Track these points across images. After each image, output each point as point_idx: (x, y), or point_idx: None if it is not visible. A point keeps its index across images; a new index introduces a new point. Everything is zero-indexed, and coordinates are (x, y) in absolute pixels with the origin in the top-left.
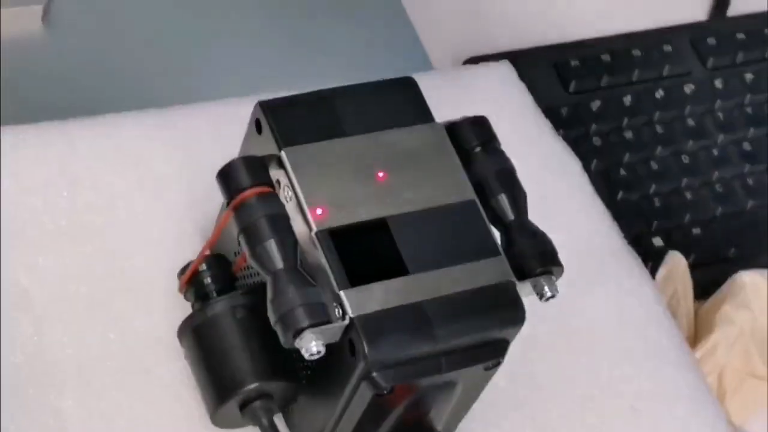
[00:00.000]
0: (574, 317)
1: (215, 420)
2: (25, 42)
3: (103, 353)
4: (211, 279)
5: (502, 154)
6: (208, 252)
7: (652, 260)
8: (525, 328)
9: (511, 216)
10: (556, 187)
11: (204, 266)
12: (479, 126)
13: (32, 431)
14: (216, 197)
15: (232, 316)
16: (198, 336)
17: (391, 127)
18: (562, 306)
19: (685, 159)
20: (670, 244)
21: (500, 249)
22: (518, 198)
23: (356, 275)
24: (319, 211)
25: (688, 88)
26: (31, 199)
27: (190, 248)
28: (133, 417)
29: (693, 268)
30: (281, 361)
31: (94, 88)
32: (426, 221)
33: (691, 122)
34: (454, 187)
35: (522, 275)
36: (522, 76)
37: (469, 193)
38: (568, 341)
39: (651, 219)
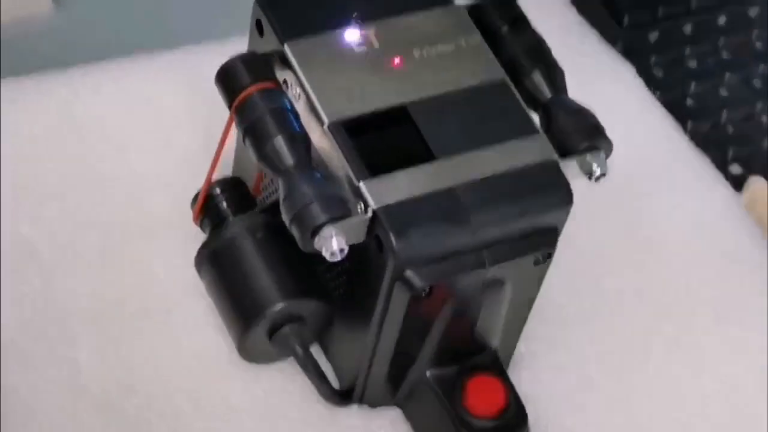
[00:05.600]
0: (643, 226)
1: (243, 352)
2: (35, 20)
3: (120, 300)
4: (226, 202)
5: (532, 30)
6: (214, 172)
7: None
8: (587, 241)
9: (547, 93)
10: (610, 95)
11: (217, 189)
12: (505, 4)
13: (45, 386)
14: (232, 135)
15: (251, 236)
16: (216, 262)
17: (405, 11)
18: (629, 215)
19: (757, 83)
20: (750, 171)
21: (538, 127)
22: (554, 74)
23: (377, 166)
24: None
25: (753, 12)
26: (35, 150)
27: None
28: (155, 362)
29: None
30: (309, 280)
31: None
32: (452, 105)
33: (759, 46)
34: (480, 68)
35: (565, 153)
36: None
37: (499, 73)
38: (637, 251)
39: (726, 147)
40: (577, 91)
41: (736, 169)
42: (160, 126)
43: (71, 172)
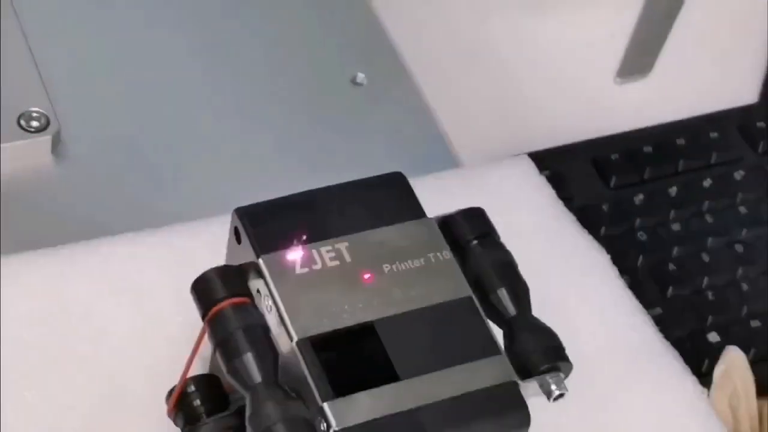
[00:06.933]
0: (610, 418)
1: None
2: (34, 174)
3: None
4: (200, 400)
5: (500, 246)
6: (189, 372)
7: (708, 357)
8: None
9: (512, 311)
10: (583, 282)
11: (192, 387)
12: (475, 218)
13: None
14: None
15: None
16: None
17: (378, 225)
18: (596, 406)
19: (740, 248)
20: (728, 340)
21: (500, 347)
22: (519, 292)
23: (342, 385)
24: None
25: (739, 175)
26: (21, 332)
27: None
28: None
29: (754, 364)
30: None
31: (104, 215)
32: (417, 322)
33: (744, 210)
34: (448, 284)
35: (525, 374)
36: (560, 174)
37: (465, 290)
38: None
39: (705, 314)
40: (551, 275)
41: (714, 337)
42: (144, 308)
43: (55, 355)
